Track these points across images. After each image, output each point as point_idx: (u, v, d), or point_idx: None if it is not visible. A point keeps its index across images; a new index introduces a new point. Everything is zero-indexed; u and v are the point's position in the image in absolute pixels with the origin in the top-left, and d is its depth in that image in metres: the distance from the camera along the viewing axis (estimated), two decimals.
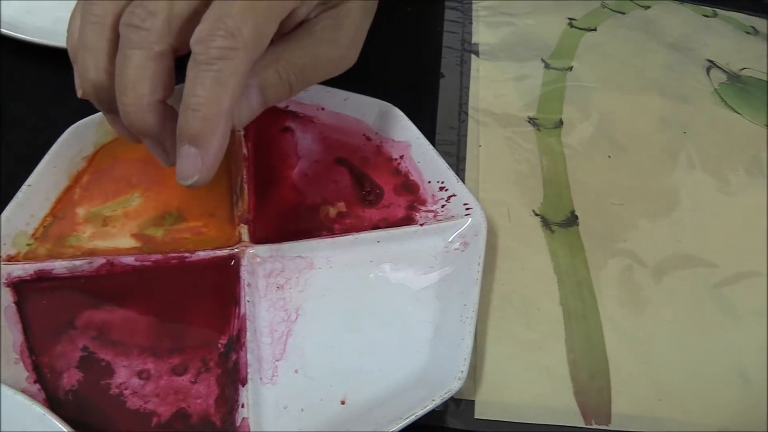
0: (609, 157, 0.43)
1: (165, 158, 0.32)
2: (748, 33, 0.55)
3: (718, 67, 0.51)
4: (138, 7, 0.28)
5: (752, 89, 0.50)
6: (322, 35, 0.32)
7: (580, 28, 0.52)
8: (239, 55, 0.27)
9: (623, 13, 0.55)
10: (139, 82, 0.29)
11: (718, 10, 0.57)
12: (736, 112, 0.48)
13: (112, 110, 0.31)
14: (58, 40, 0.42)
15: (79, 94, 0.32)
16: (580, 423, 0.32)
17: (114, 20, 0.29)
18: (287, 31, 0.32)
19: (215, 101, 0.28)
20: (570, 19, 0.53)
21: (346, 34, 0.33)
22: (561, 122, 0.45)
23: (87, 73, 0.30)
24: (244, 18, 0.27)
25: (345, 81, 0.40)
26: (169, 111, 0.30)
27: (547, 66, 0.49)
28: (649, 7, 0.56)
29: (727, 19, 0.56)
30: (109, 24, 0.29)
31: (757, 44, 0.54)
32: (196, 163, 0.29)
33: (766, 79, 0.51)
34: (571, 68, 0.49)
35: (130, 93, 0.29)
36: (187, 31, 0.28)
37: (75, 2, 0.32)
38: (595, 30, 0.52)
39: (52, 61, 0.43)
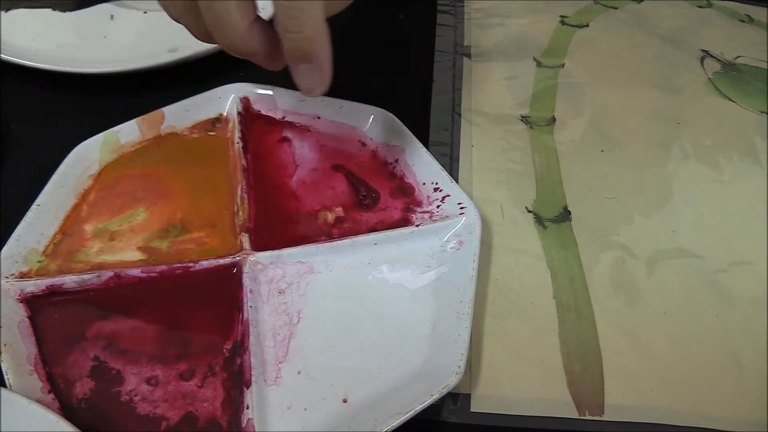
0: (602, 151, 0.44)
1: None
2: (742, 21, 0.56)
3: (712, 56, 0.52)
4: None
5: (747, 77, 0.50)
6: None
7: (572, 25, 0.53)
8: None
9: (616, 8, 0.55)
10: (231, 15, 0.30)
11: (712, 1, 0.57)
12: (730, 100, 0.48)
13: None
14: (60, 65, 0.44)
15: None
16: (573, 414, 0.33)
17: None
18: None
19: (312, 17, 0.30)
20: (562, 16, 0.54)
21: None
22: (553, 119, 0.46)
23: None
24: None
25: (340, 89, 0.41)
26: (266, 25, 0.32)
27: (539, 64, 0.49)
28: (642, 0, 0.56)
29: (722, 8, 0.56)
30: None
31: (752, 32, 0.55)
32: (314, 76, 0.32)
33: (761, 67, 0.51)
34: (563, 65, 0.49)
35: (229, 32, 0.31)
36: None
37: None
38: (587, 26, 0.53)
39: (55, 85, 0.45)
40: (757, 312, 0.37)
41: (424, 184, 0.40)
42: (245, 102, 0.43)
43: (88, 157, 0.40)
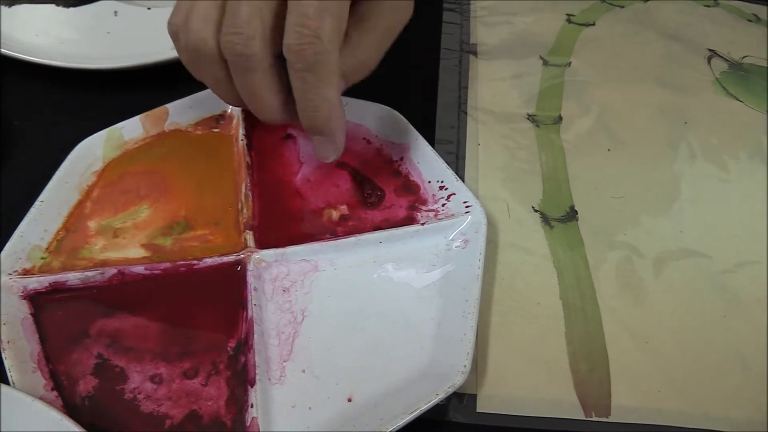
0: (608, 150, 0.44)
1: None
2: (750, 21, 0.55)
3: (719, 56, 0.51)
4: (234, 34, 0.31)
5: (754, 77, 0.50)
6: (384, 6, 0.34)
7: (578, 24, 0.53)
8: (330, 52, 0.31)
9: (622, 7, 0.55)
10: (268, 96, 0.33)
11: (719, 0, 0.57)
12: (738, 100, 0.48)
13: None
14: (64, 61, 0.44)
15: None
16: (580, 415, 0.33)
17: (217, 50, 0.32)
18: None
19: (328, 98, 0.33)
20: (568, 15, 0.53)
21: None
22: (560, 118, 0.45)
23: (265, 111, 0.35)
24: (322, 15, 0.30)
25: None
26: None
27: (545, 63, 0.49)
28: None
29: (729, 8, 0.56)
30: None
31: (759, 32, 0.54)
32: (330, 146, 0.36)
33: (767, 66, 0.51)
34: (569, 64, 0.49)
35: (266, 108, 0.34)
36: (279, 31, 0.31)
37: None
38: (593, 25, 0.53)
39: (58, 82, 0.45)
40: (764, 312, 0.37)
41: (429, 182, 0.40)
42: None
43: (91, 153, 0.40)
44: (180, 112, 0.42)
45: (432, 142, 0.42)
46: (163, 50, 0.45)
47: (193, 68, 0.35)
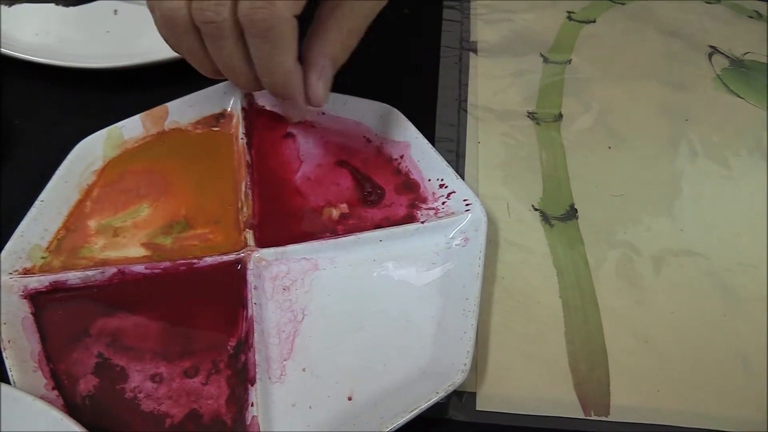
0: (609, 148, 0.44)
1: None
2: (750, 17, 0.55)
3: (720, 52, 0.51)
4: (203, 0, 0.31)
5: (755, 73, 0.50)
6: None
7: (578, 21, 0.52)
8: (283, 18, 0.30)
9: (623, 4, 0.55)
10: (240, 63, 0.33)
11: None
12: (739, 97, 0.48)
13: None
14: (64, 60, 0.44)
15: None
16: (579, 414, 0.33)
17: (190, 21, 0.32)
18: None
19: (282, 64, 0.33)
20: (569, 12, 0.53)
21: None
22: (560, 116, 0.45)
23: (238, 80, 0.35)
24: None
25: (345, 84, 0.41)
26: None
27: (545, 60, 0.49)
28: None
29: (729, 4, 0.56)
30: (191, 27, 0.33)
31: (760, 28, 0.54)
32: (292, 107, 0.38)
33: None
34: (570, 61, 0.49)
35: (239, 76, 0.34)
36: None
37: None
38: (594, 22, 0.53)
39: (58, 81, 0.45)
40: (765, 312, 0.37)
41: (429, 180, 0.40)
42: (249, 97, 0.43)
43: (91, 152, 0.40)
44: (180, 111, 0.42)
45: (432, 140, 0.42)
46: (163, 49, 0.44)
47: (169, 40, 0.35)
